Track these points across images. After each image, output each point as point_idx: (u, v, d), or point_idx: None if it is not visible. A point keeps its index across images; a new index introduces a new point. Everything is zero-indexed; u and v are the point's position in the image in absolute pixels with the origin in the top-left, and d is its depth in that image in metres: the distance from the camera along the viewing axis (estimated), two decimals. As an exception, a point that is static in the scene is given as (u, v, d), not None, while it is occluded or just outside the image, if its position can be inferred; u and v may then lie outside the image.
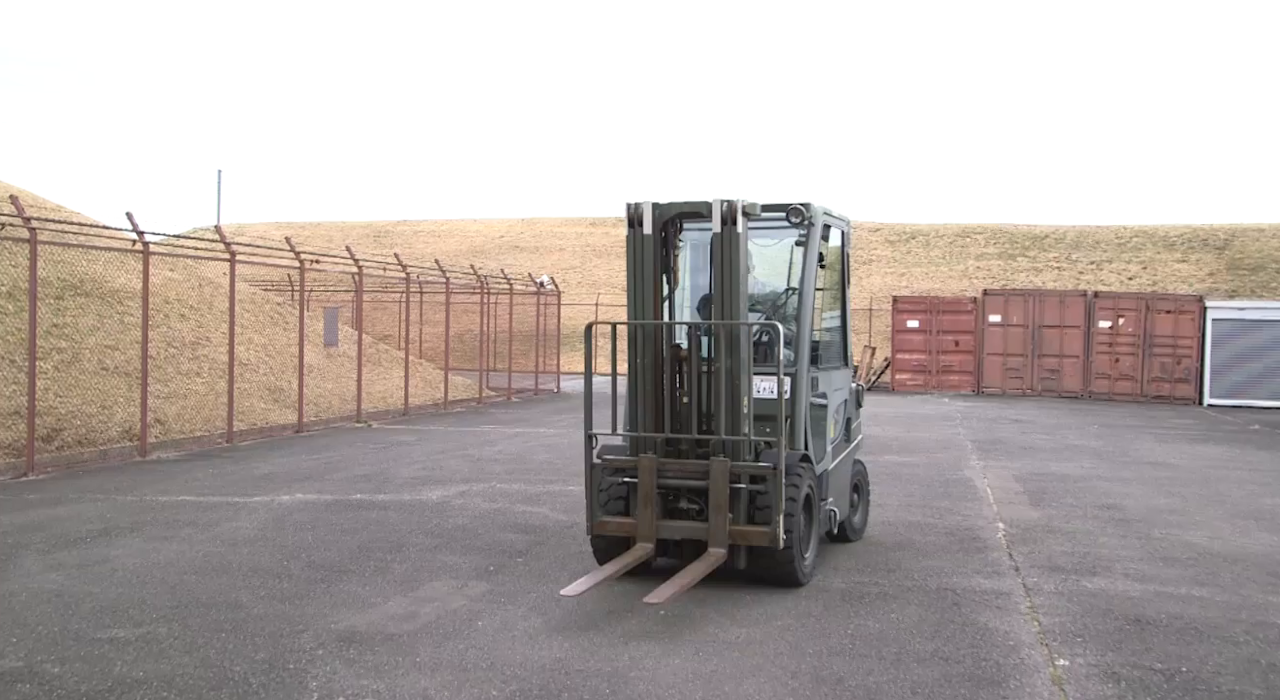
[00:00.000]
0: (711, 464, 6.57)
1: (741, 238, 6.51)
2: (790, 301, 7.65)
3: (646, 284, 6.73)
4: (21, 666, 5.21)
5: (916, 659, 5.57)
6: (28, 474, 11.15)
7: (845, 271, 8.47)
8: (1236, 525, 9.62)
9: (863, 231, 44.96)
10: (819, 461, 7.44)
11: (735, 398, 6.57)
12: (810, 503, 6.99)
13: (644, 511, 6.70)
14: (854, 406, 8.63)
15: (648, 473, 6.69)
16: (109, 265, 16.74)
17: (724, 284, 6.58)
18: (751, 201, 6.53)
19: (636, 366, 6.79)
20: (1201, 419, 21.88)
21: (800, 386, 7.14)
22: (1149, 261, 39.15)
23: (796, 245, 7.42)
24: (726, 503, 6.52)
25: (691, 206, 6.65)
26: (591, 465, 6.87)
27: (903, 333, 28.95)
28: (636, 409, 6.84)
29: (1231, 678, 5.41)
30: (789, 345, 7.21)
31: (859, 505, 8.65)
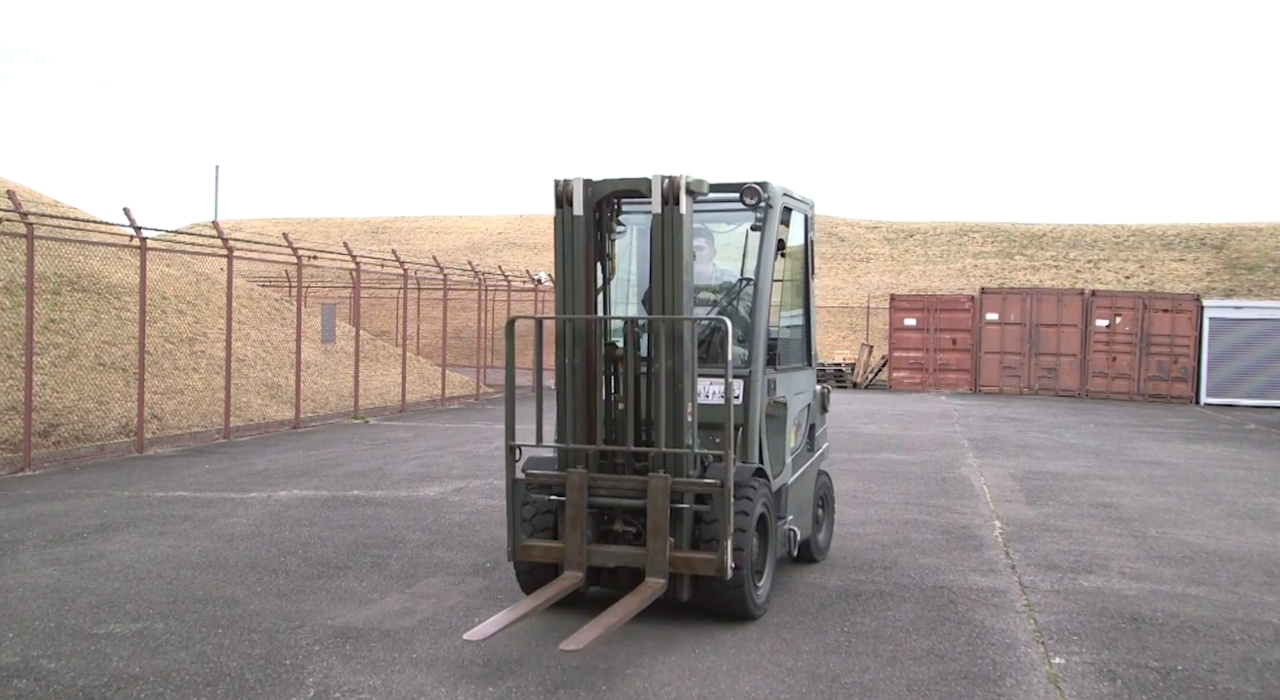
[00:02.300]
0: (650, 480, 5.69)
1: (686, 219, 5.66)
2: (745, 294, 6.73)
3: (577, 273, 5.85)
4: (18, 662, 5.21)
5: (912, 657, 5.57)
6: (24, 469, 11.14)
7: (809, 261, 7.56)
8: (1232, 524, 9.64)
9: (860, 229, 45.00)
10: (776, 475, 6.64)
11: (678, 404, 5.71)
12: (765, 523, 6.18)
13: (572, 534, 5.81)
14: (818, 411, 7.80)
15: (577, 490, 5.80)
16: (106, 261, 16.74)
17: (665, 273, 5.71)
18: (698, 178, 5.71)
19: (565, 368, 5.88)
20: (1198, 418, 21.91)
21: (754, 390, 6.30)
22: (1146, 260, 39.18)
23: (752, 230, 6.57)
24: (667, 525, 5.66)
25: (629, 184, 5.79)
26: (513, 481, 5.96)
27: (900, 331, 28.97)
28: (565, 417, 5.91)
29: (1227, 676, 5.42)
30: (742, 343, 6.50)
31: (824, 521, 7.81)
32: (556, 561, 5.90)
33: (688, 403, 5.69)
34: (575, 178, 5.83)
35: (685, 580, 5.81)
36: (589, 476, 5.84)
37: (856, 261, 42.01)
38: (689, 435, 5.72)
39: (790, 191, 6.82)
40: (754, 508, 5.90)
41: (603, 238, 5.99)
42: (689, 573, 5.75)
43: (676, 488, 5.70)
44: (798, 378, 7.30)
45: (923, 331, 28.66)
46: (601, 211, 5.94)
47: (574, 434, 5.90)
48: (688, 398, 5.69)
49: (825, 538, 7.80)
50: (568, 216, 5.85)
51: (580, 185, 5.81)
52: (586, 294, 5.88)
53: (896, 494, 10.83)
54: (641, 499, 5.76)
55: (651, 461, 5.77)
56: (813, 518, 7.48)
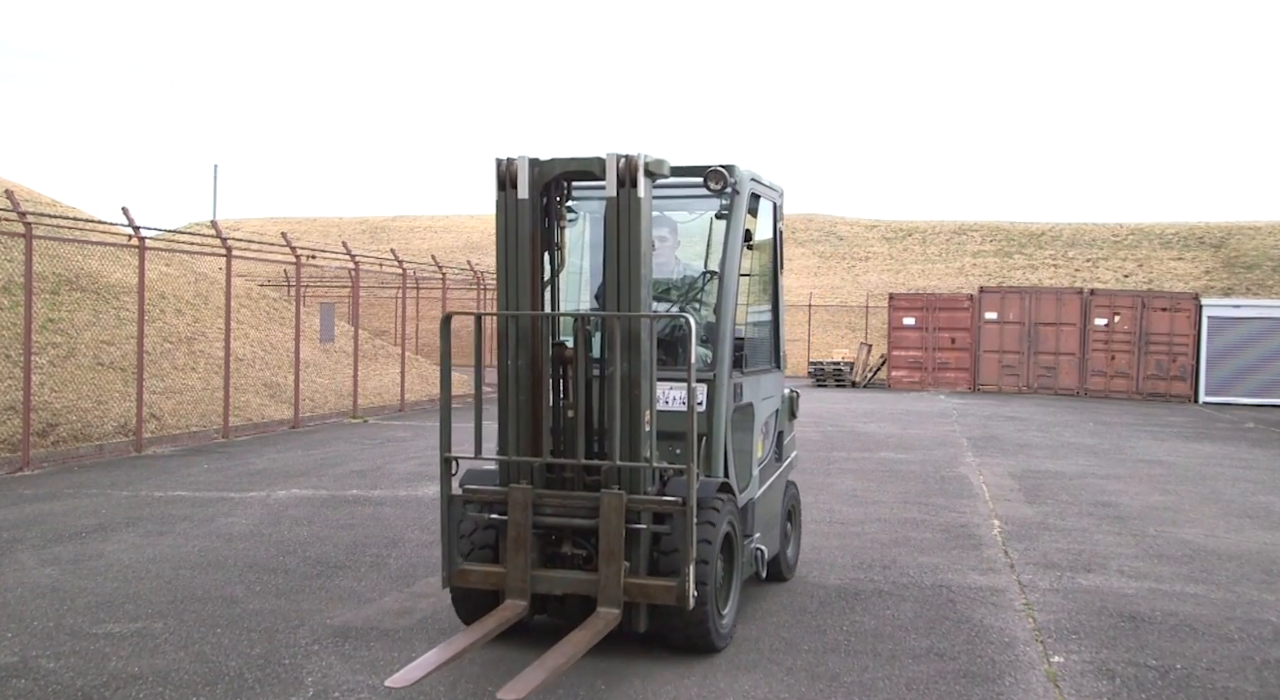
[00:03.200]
0: (602, 497, 5.04)
1: (644, 204, 5.05)
2: (709, 289, 6.15)
3: (522, 264, 5.22)
4: (16, 661, 5.21)
5: (912, 655, 5.58)
6: (23, 469, 11.14)
7: (778, 253, 6.99)
8: (1231, 523, 9.64)
9: (859, 228, 44.99)
10: (743, 490, 6.04)
11: (634, 411, 5.08)
12: (731, 544, 5.60)
13: (515, 558, 5.14)
14: (786, 417, 7.22)
15: (520, 508, 5.14)
16: (105, 260, 16.73)
17: (621, 264, 5.09)
18: (657, 158, 5.10)
19: (508, 370, 5.26)
20: (1197, 416, 21.92)
21: (719, 395, 5.68)
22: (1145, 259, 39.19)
23: (717, 218, 6.00)
24: (621, 548, 5.01)
25: (581, 164, 5.19)
26: (449, 497, 5.28)
27: (899, 330, 28.99)
28: (508, 426, 5.27)
29: (1226, 675, 5.42)
30: (705, 343, 5.92)
31: (792, 536, 7.29)
32: (497, 588, 5.24)
33: (645, 410, 5.09)
34: (520, 156, 5.19)
35: (642, 610, 5.17)
36: (533, 493, 5.18)
37: (855, 260, 42.01)
38: (646, 446, 5.09)
39: (759, 177, 6.30)
40: (719, 527, 5.32)
41: (551, 224, 5.36)
42: (646, 601, 5.10)
43: (632, 506, 5.06)
44: (766, 381, 6.72)
45: (922, 330, 28.68)
46: (550, 195, 5.33)
47: (517, 445, 5.26)
48: (645, 404, 5.09)
49: (794, 554, 7.31)
50: (511, 200, 5.22)
51: (525, 165, 5.17)
52: (532, 288, 5.27)
53: (895, 493, 10.84)
54: (593, 518, 5.10)
55: (604, 476, 5.13)
56: (781, 533, 6.92)
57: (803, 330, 35.10)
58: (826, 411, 20.79)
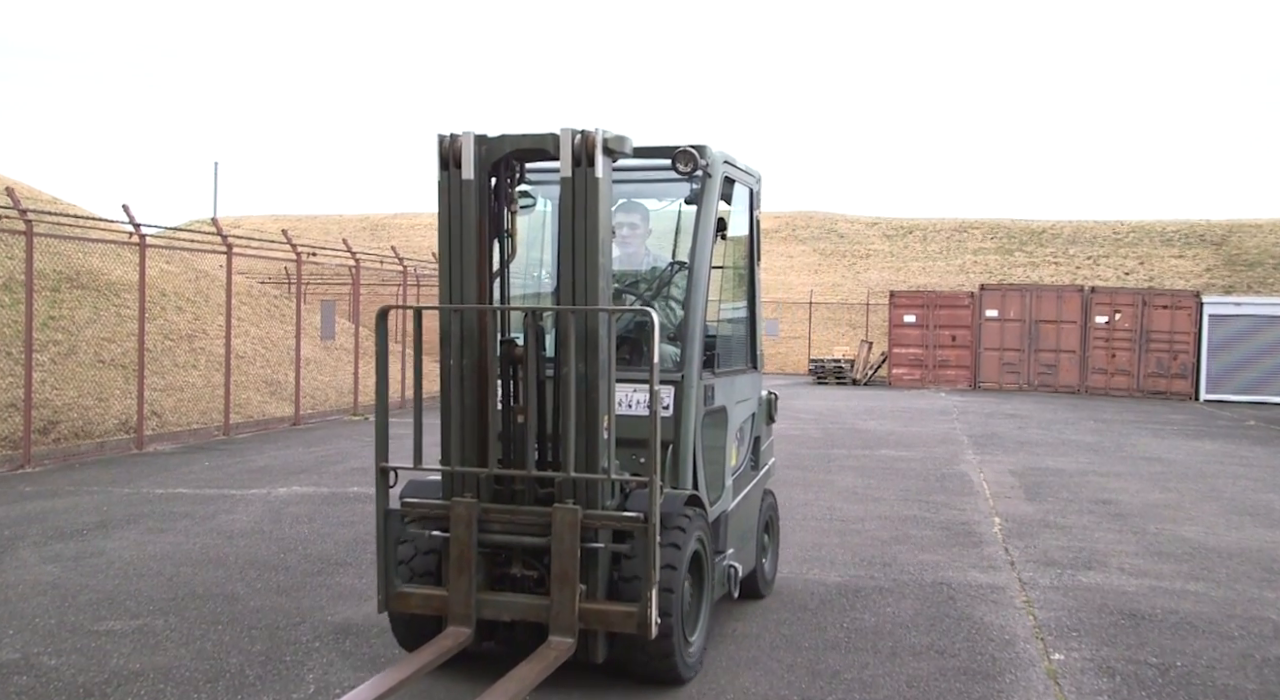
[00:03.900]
0: (554, 513, 4.53)
1: (602, 185, 4.56)
2: (677, 282, 5.68)
3: (467, 253, 4.70)
4: (18, 658, 5.21)
5: (912, 653, 5.58)
6: (24, 466, 11.15)
7: (755, 244, 6.47)
8: (1232, 520, 9.65)
9: (860, 225, 44.96)
10: (714, 502, 5.51)
11: (591, 416, 4.57)
12: (699, 563, 5.08)
13: (458, 580, 4.65)
14: (764, 421, 6.72)
15: (463, 524, 4.64)
16: (105, 258, 16.74)
17: (576, 252, 4.60)
18: (618, 134, 4.62)
19: (451, 371, 4.75)
20: (1197, 414, 21.92)
21: (688, 398, 5.19)
22: (1146, 257, 39.17)
23: (687, 203, 5.52)
24: (576, 569, 4.49)
25: (533, 141, 4.65)
26: (386, 512, 4.79)
27: (900, 327, 29.00)
28: (451, 432, 4.76)
29: (1226, 672, 5.42)
30: (673, 341, 5.44)
31: (769, 549, 6.78)
32: (440, 613, 4.74)
33: (603, 415, 4.56)
34: (465, 132, 4.69)
35: (600, 638, 4.65)
36: (479, 507, 4.68)
37: (856, 258, 41.99)
38: (604, 456, 4.58)
39: (733, 159, 5.75)
40: (686, 545, 4.82)
41: (501, 209, 4.83)
42: (604, 629, 4.60)
43: (588, 522, 4.55)
44: (741, 382, 6.19)
45: (922, 328, 28.68)
46: (499, 176, 4.80)
47: (461, 454, 4.74)
48: (603, 409, 4.56)
49: (771, 568, 6.81)
50: (455, 181, 4.70)
51: (471, 142, 4.66)
52: (479, 279, 4.74)
53: (896, 490, 10.84)
54: (545, 536, 4.59)
55: (558, 489, 4.61)
56: (757, 547, 6.44)
57: (803, 328, 35.10)
58: (827, 409, 20.80)
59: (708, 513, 5.27)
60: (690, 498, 5.04)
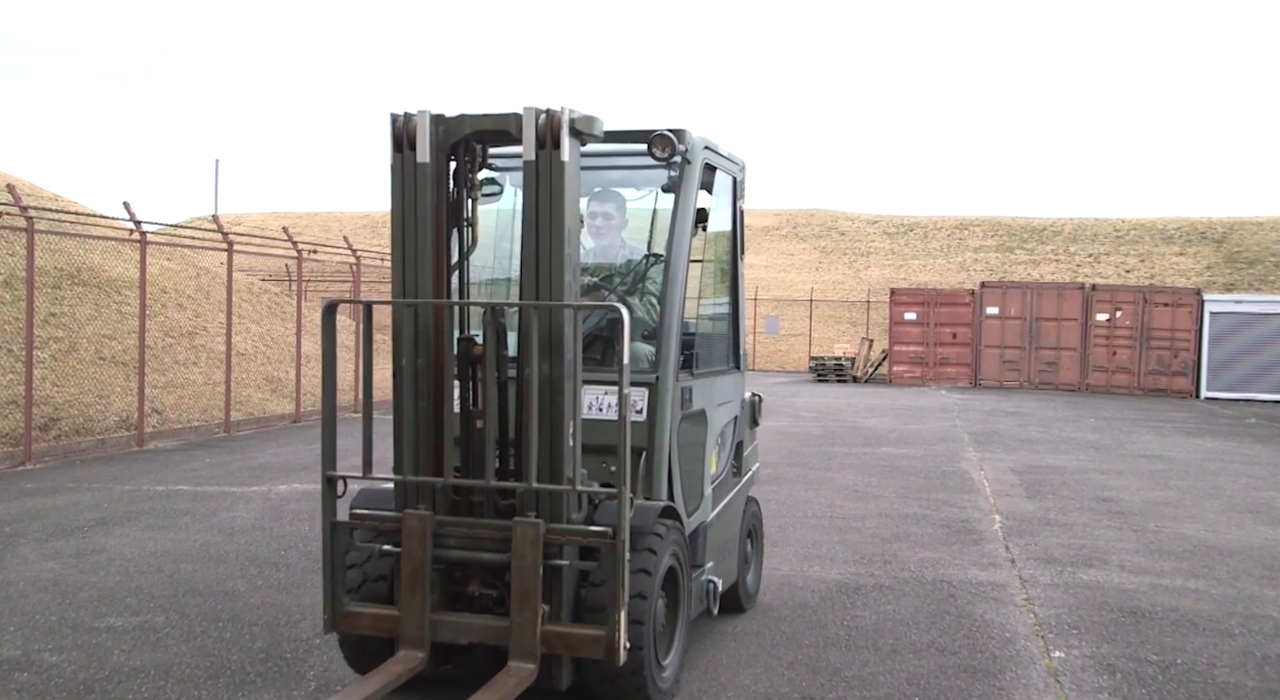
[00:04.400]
0: (515, 527, 4.17)
1: (569, 169, 4.21)
2: (656, 276, 5.28)
3: (423, 243, 4.35)
4: (19, 655, 5.22)
5: (912, 650, 5.58)
6: (25, 463, 11.15)
7: (738, 237, 6.03)
8: (1232, 518, 9.65)
9: (860, 223, 44.96)
10: (691, 513, 5.18)
11: (555, 421, 4.23)
12: (675, 580, 4.72)
13: (410, 600, 4.27)
14: (746, 425, 6.33)
15: (416, 539, 4.27)
16: (106, 255, 16.73)
17: (540, 243, 4.24)
18: (586, 114, 4.27)
19: (405, 372, 4.40)
20: (1198, 412, 21.91)
21: (663, 401, 4.84)
22: (1147, 254, 39.15)
23: (664, 192, 5.16)
24: (538, 589, 4.14)
25: (495, 121, 4.31)
26: (333, 524, 4.44)
27: (900, 325, 28.98)
28: (404, 438, 4.40)
29: (1226, 670, 5.42)
30: (648, 339, 5.10)
31: (753, 560, 6.40)
32: (391, 634, 4.36)
33: (568, 420, 4.22)
34: (421, 111, 4.33)
35: (564, 663, 4.30)
36: (433, 520, 4.32)
37: (857, 255, 41.99)
38: (570, 465, 4.24)
39: (715, 145, 5.39)
40: (659, 561, 4.45)
41: (460, 195, 4.49)
42: (568, 654, 4.23)
43: (552, 538, 4.19)
44: (722, 384, 5.81)
45: (923, 326, 28.66)
46: (459, 159, 4.46)
47: (415, 462, 4.39)
48: (568, 413, 4.22)
49: (755, 580, 6.44)
50: (409, 164, 4.35)
51: (427, 121, 4.31)
52: (435, 271, 4.38)
53: (896, 488, 10.84)
54: (505, 552, 4.23)
55: (519, 501, 4.25)
56: (739, 558, 6.06)
57: (804, 325, 35.10)
58: (828, 406, 20.80)
59: (684, 525, 4.92)
60: (665, 509, 4.68)
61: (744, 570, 6.17)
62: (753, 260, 40.67)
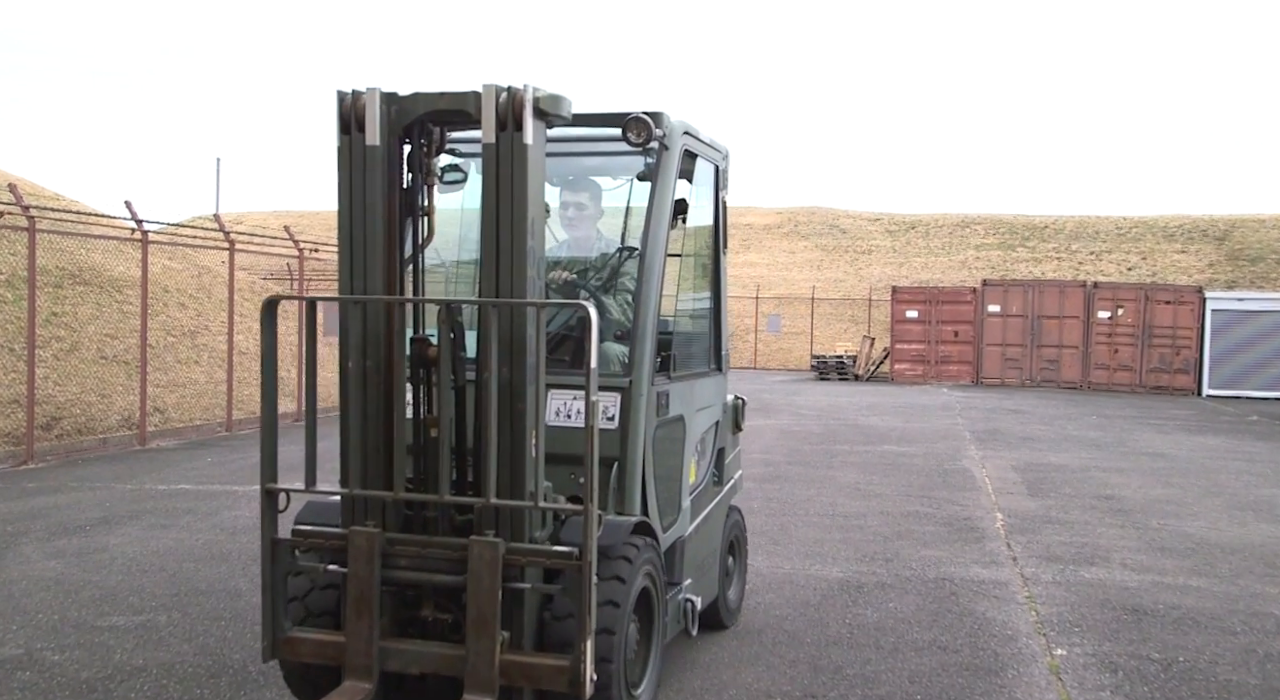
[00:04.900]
0: (471, 547, 3.76)
1: (532, 153, 3.81)
2: (629, 271, 4.95)
3: (372, 233, 3.95)
4: (21, 654, 5.22)
5: (914, 648, 5.58)
6: (27, 462, 11.16)
7: (720, 230, 5.62)
8: (1234, 516, 9.65)
9: (862, 221, 44.95)
10: (667, 528, 4.81)
11: (517, 429, 3.84)
12: (649, 602, 4.34)
13: (357, 625, 3.87)
14: (729, 430, 5.93)
15: (364, 558, 3.87)
16: (108, 254, 16.74)
17: (501, 233, 3.84)
18: (552, 94, 3.86)
19: (352, 375, 4.04)
20: (1200, 410, 21.90)
21: (637, 407, 4.48)
22: (1148, 252, 39.13)
23: (640, 180, 4.80)
24: (496, 614, 3.72)
25: (453, 100, 3.89)
26: (273, 541, 4.01)
27: (902, 323, 28.97)
28: (350, 448, 4.04)
29: (1228, 668, 5.42)
30: (621, 339, 4.77)
31: (735, 574, 6.03)
32: (336, 662, 3.96)
33: (530, 428, 3.83)
34: (371, 88, 3.93)
35: (525, 697, 3.89)
36: (383, 538, 3.91)
37: (858, 253, 41.98)
38: (533, 477, 3.83)
39: (695, 130, 5.00)
40: (631, 584, 4.07)
41: (415, 182, 4.07)
42: (529, 686, 3.81)
43: (512, 558, 3.79)
44: (702, 387, 5.42)
45: (924, 324, 28.66)
46: (414, 142, 4.05)
47: (363, 474, 4.01)
48: (530, 421, 3.83)
49: (737, 595, 6.06)
50: (357, 147, 3.95)
51: (377, 100, 3.91)
52: (387, 266, 3.99)
53: (898, 486, 10.84)
54: (461, 574, 3.80)
55: (477, 517, 3.87)
56: (720, 573, 5.69)
57: (805, 323, 35.10)
58: (829, 404, 20.80)
59: (659, 541, 4.53)
60: (638, 525, 4.28)
61: (725, 585, 5.81)
62: (754, 258, 40.68)
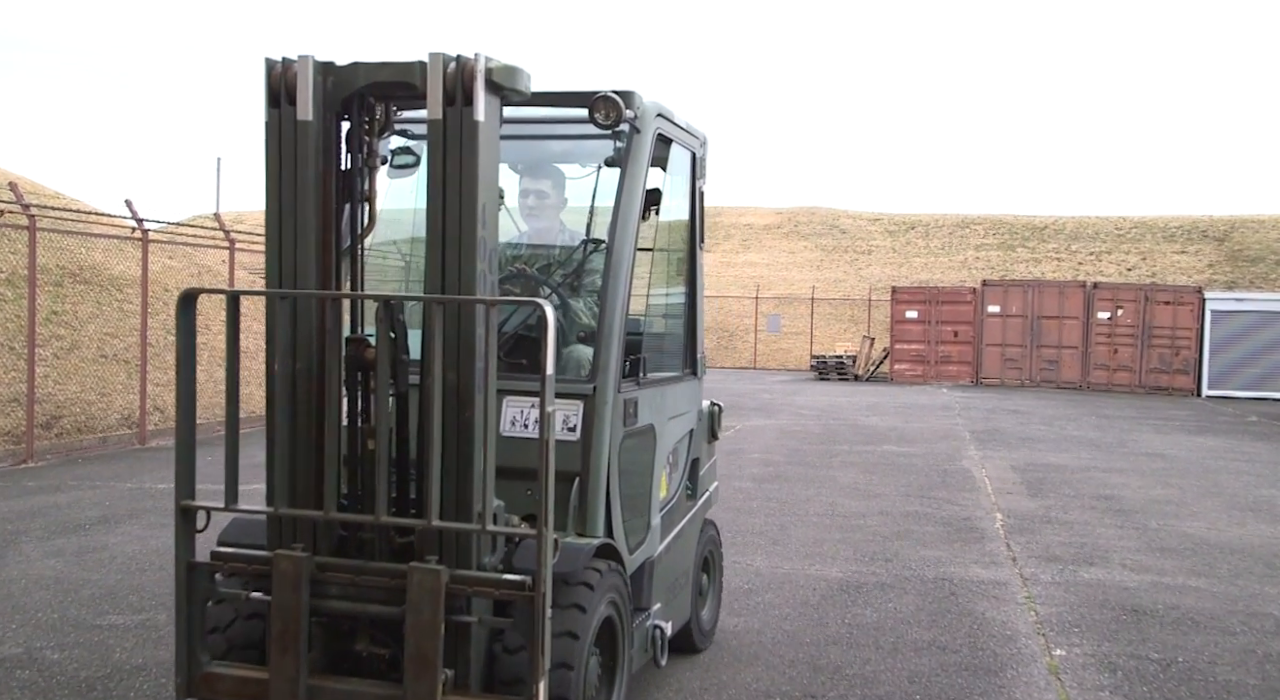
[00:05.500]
0: (411, 574, 3.30)
1: (483, 132, 3.35)
2: (594, 266, 4.56)
3: (304, 221, 3.48)
4: (21, 653, 5.23)
5: (913, 648, 5.59)
6: (27, 461, 11.16)
7: (697, 222, 5.21)
8: (1234, 516, 9.65)
9: (862, 221, 44.94)
10: (635, 549, 4.38)
11: (464, 442, 3.39)
12: (613, 632, 3.92)
13: (282, 660, 3.39)
14: (704, 439, 5.48)
15: (289, 585, 3.40)
16: (108, 253, 16.74)
17: (448, 221, 3.40)
18: (507, 65, 3.41)
19: (280, 379, 3.54)
20: (1199, 410, 21.91)
21: (601, 417, 4.04)
22: (1148, 252, 39.13)
23: (607, 165, 4.38)
24: (439, 650, 3.27)
25: (394, 70, 3.43)
26: (189, 565, 3.55)
27: (901, 323, 28.97)
28: (278, 460, 3.55)
29: (1228, 668, 5.43)
30: (586, 340, 4.37)
31: (709, 593, 5.61)
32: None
33: (479, 441, 3.39)
34: (303, 56, 3.44)
35: None
36: (312, 563, 3.44)
37: (858, 253, 41.97)
38: (480, 496, 3.39)
39: (670, 113, 4.56)
40: (592, 613, 3.65)
41: (355, 164, 3.60)
42: None
43: (457, 588, 3.33)
44: (675, 393, 4.97)
45: (924, 324, 28.66)
46: (353, 119, 3.58)
47: (291, 490, 3.54)
48: (479, 432, 3.39)
49: (711, 616, 5.65)
50: (287, 122, 3.46)
51: (310, 70, 3.42)
52: (322, 257, 3.54)
53: (897, 486, 10.84)
54: (399, 604, 3.35)
55: (419, 540, 3.40)
56: (693, 592, 5.28)
57: (805, 323, 35.10)
58: (829, 404, 20.81)
59: (625, 564, 4.10)
60: (601, 548, 3.86)
61: (699, 606, 5.40)
62: (754, 258, 40.69)
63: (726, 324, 35.56)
